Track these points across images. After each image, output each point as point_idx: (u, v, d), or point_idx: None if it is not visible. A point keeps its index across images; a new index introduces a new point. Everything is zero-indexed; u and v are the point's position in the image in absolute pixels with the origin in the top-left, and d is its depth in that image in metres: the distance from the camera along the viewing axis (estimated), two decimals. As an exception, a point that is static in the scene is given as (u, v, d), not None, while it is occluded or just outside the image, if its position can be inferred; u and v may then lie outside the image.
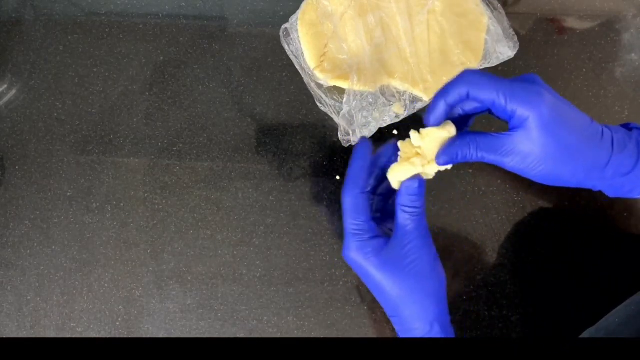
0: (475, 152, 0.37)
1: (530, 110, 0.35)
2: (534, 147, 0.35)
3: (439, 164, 0.38)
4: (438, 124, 0.38)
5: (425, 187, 0.38)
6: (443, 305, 0.39)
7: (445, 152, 0.37)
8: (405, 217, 0.38)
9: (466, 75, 0.36)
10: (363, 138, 0.41)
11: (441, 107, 0.37)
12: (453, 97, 0.37)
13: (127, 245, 0.52)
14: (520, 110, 0.35)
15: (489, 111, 0.38)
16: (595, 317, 0.43)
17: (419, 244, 0.38)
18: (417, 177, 0.38)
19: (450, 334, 0.39)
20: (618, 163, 0.37)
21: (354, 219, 0.38)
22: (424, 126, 0.39)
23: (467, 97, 0.36)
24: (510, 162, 0.36)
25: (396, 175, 0.38)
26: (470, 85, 0.36)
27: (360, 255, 0.38)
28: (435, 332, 0.38)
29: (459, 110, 0.39)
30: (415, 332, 0.38)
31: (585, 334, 0.43)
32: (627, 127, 0.39)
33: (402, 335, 0.39)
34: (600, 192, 0.39)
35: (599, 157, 0.36)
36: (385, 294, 0.39)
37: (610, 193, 0.39)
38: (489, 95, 0.35)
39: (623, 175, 0.37)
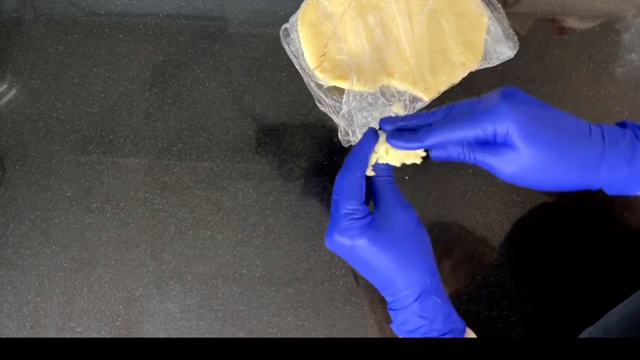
0: (468, 153, 0.38)
1: (508, 125, 0.36)
2: (521, 157, 0.36)
3: (433, 156, 0.39)
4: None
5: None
6: (433, 265, 0.40)
7: (443, 148, 0.39)
8: (379, 185, 0.40)
9: (432, 134, 0.38)
10: (372, 128, 0.42)
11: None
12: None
13: (127, 245, 0.52)
14: (499, 127, 0.36)
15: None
16: (595, 316, 0.43)
17: (399, 210, 0.39)
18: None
19: (443, 291, 0.40)
20: (612, 160, 0.37)
21: (351, 199, 0.39)
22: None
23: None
24: (504, 169, 0.37)
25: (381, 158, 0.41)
26: (440, 138, 0.38)
27: (346, 237, 0.39)
28: (432, 286, 0.39)
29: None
30: (409, 297, 0.39)
31: (584, 334, 0.43)
32: (622, 125, 0.39)
33: (396, 306, 0.40)
34: (600, 191, 0.39)
35: (590, 155, 0.36)
36: (376, 270, 0.39)
37: (610, 191, 0.39)
38: (463, 137, 0.37)
39: (619, 171, 0.37)
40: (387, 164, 0.41)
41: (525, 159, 0.36)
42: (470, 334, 0.42)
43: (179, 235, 0.52)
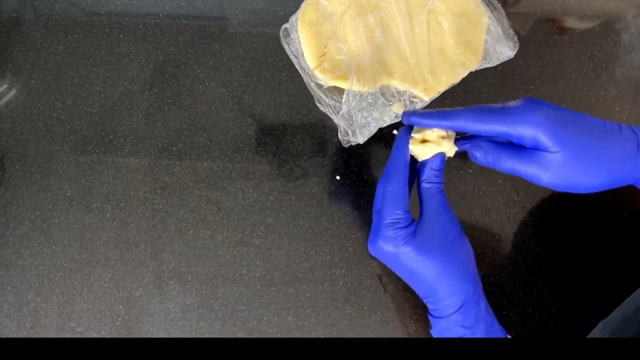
0: (506, 161, 0.38)
1: (537, 128, 0.36)
2: (555, 157, 0.37)
3: (461, 149, 0.40)
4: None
5: (444, 164, 0.40)
6: (475, 274, 0.40)
7: (469, 143, 0.40)
8: (429, 193, 0.39)
9: (463, 114, 0.38)
10: (403, 129, 0.41)
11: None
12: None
13: (127, 245, 0.52)
14: (527, 132, 0.36)
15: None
16: (596, 316, 0.43)
17: (446, 219, 0.39)
18: (440, 154, 0.40)
19: (485, 301, 0.40)
20: None
21: (396, 209, 0.39)
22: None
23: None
24: (544, 178, 0.38)
25: (421, 153, 0.40)
26: (466, 122, 0.38)
27: (391, 245, 0.39)
28: (475, 296, 0.39)
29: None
30: (451, 306, 0.39)
31: (599, 326, 0.43)
32: None
33: (437, 314, 0.40)
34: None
35: (627, 146, 0.37)
36: (419, 278, 0.39)
37: None
38: (489, 129, 0.38)
39: None
40: (438, 171, 0.40)
41: (562, 160, 0.37)
42: None
43: (179, 235, 0.52)
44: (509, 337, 0.42)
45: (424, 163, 0.40)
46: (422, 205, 0.40)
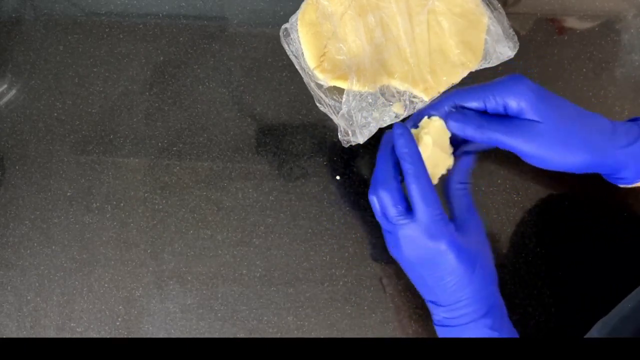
0: (489, 131, 0.39)
1: (520, 97, 0.38)
2: (538, 127, 0.38)
3: (450, 128, 0.41)
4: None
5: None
6: (496, 286, 0.41)
7: (458, 120, 0.41)
8: (460, 194, 0.40)
9: (452, 92, 0.41)
10: (398, 127, 0.41)
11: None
12: (443, 110, 0.41)
13: (127, 245, 0.52)
14: (511, 101, 0.38)
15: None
16: (596, 316, 0.43)
17: (474, 220, 0.40)
18: (469, 154, 0.42)
19: (506, 316, 0.40)
20: (625, 129, 0.39)
21: (434, 207, 0.39)
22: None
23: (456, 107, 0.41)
24: (526, 148, 0.39)
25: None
26: (456, 97, 0.41)
27: (444, 241, 0.38)
28: (496, 311, 0.39)
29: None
30: (476, 312, 0.39)
31: (598, 324, 0.43)
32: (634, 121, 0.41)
33: (456, 322, 0.39)
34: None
35: (603, 123, 0.39)
36: (445, 279, 0.39)
37: (626, 174, 0.40)
38: (477, 99, 0.40)
39: (633, 145, 0.39)
40: (466, 170, 0.41)
41: (544, 130, 0.38)
42: None
43: (179, 235, 0.52)
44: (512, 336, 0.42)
45: (458, 160, 0.41)
46: (450, 205, 0.40)
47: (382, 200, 0.39)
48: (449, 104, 0.41)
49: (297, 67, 0.52)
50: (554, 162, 0.39)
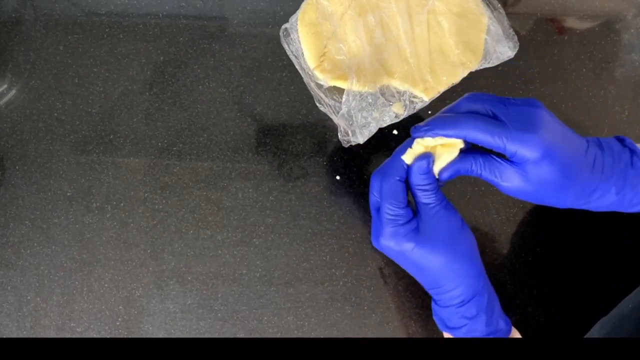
0: (477, 169, 0.39)
1: (530, 152, 0.36)
2: (530, 183, 0.37)
3: (442, 179, 0.39)
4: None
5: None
6: (479, 265, 0.40)
7: (450, 168, 0.39)
8: (422, 195, 0.39)
9: (463, 119, 0.38)
10: (416, 130, 0.40)
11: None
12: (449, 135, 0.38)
13: (127, 245, 0.52)
14: (521, 152, 0.36)
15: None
16: (596, 316, 0.43)
17: (443, 215, 0.39)
18: (426, 157, 0.39)
19: (490, 292, 0.40)
20: (604, 190, 0.39)
21: (395, 205, 0.39)
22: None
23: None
24: (508, 187, 0.39)
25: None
26: (467, 129, 0.37)
27: (393, 241, 0.39)
28: (478, 288, 0.39)
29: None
30: (455, 298, 0.39)
31: (597, 324, 0.43)
32: (621, 141, 0.40)
33: (441, 304, 0.40)
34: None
35: (589, 185, 0.38)
36: (423, 271, 0.40)
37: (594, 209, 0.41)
38: (485, 138, 0.37)
39: (607, 201, 0.39)
40: (427, 167, 0.39)
41: (533, 184, 0.37)
42: (515, 334, 0.42)
43: (179, 235, 0.52)
44: (513, 328, 0.42)
45: (412, 164, 0.39)
46: (417, 204, 0.40)
47: (383, 191, 0.40)
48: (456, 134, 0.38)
49: (297, 67, 0.52)
50: (540, 202, 0.40)
